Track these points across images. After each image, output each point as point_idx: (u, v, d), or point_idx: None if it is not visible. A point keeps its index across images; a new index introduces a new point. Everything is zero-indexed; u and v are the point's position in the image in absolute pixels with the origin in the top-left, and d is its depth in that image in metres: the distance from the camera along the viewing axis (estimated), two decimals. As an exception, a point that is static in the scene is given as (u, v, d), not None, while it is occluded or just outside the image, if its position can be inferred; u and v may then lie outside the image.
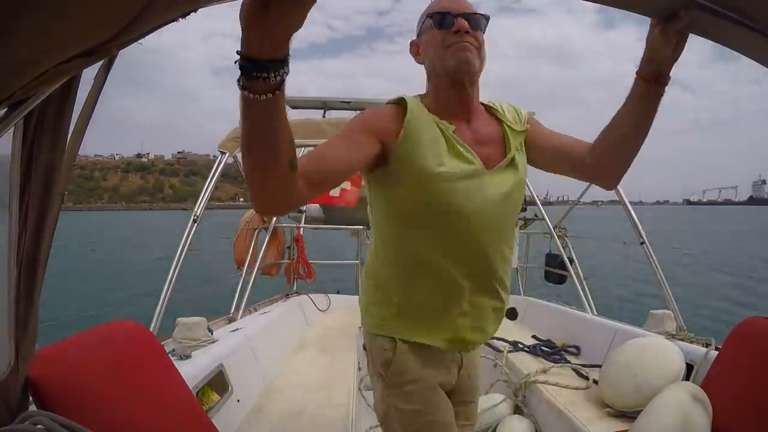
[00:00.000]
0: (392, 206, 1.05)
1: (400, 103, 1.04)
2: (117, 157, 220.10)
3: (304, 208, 5.33)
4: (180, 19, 0.67)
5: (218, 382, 1.91)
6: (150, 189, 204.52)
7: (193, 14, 0.67)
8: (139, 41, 0.69)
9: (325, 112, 7.00)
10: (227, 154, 2.98)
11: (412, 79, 1.09)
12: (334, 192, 5.82)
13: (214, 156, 3.04)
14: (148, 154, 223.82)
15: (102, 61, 0.82)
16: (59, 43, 0.58)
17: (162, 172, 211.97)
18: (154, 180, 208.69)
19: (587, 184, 3.54)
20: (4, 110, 0.66)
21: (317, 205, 6.54)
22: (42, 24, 0.53)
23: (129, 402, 1.07)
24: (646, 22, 0.88)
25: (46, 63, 0.60)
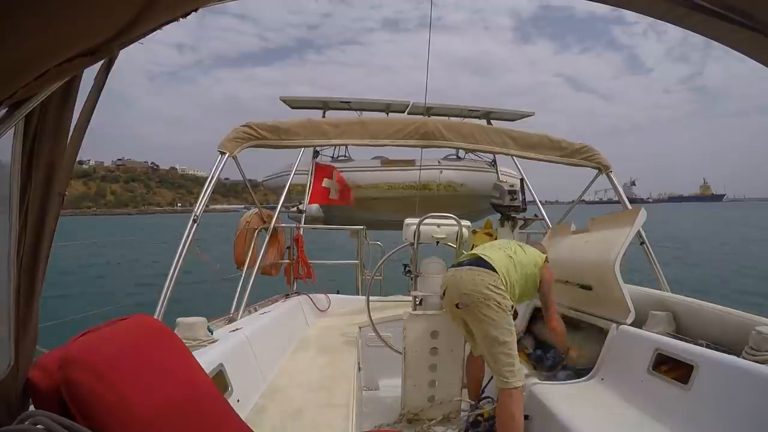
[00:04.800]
0: None
1: None
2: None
3: (304, 208, 5.31)
4: (180, 19, 0.67)
5: (218, 382, 1.91)
6: (92, 195, 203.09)
7: (193, 13, 0.67)
8: (140, 41, 0.69)
9: (324, 112, 6.99)
10: (227, 155, 2.95)
11: (336, 88, 1.06)
12: (333, 195, 5.81)
13: (153, 163, 3.03)
14: (89, 160, 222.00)
15: (102, 61, 0.82)
16: (60, 43, 0.58)
17: (103, 178, 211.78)
18: (96, 186, 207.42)
19: (585, 187, 3.62)
20: (5, 110, 0.66)
21: (317, 205, 6.53)
22: (42, 24, 0.53)
23: (153, 389, 1.09)
24: (559, 36, 0.87)
25: (47, 63, 0.60)
